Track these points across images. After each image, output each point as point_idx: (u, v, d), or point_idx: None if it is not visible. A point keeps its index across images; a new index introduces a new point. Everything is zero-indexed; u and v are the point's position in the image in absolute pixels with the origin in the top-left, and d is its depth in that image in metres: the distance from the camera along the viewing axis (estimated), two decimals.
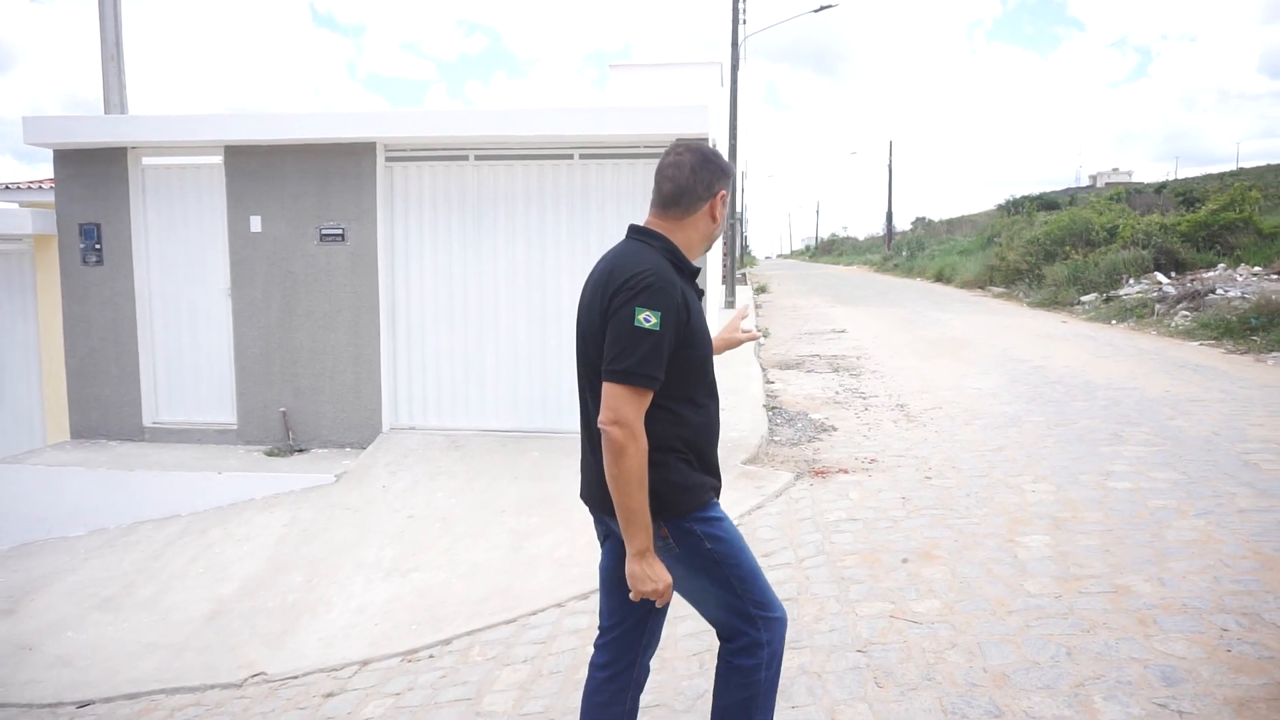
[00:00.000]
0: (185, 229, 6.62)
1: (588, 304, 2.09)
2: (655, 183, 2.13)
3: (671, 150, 2.13)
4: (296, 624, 4.36)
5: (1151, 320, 12.46)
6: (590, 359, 2.07)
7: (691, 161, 2.09)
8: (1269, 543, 3.82)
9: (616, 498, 1.95)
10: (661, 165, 2.12)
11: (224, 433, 6.69)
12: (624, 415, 1.92)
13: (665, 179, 2.10)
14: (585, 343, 2.10)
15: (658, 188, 2.12)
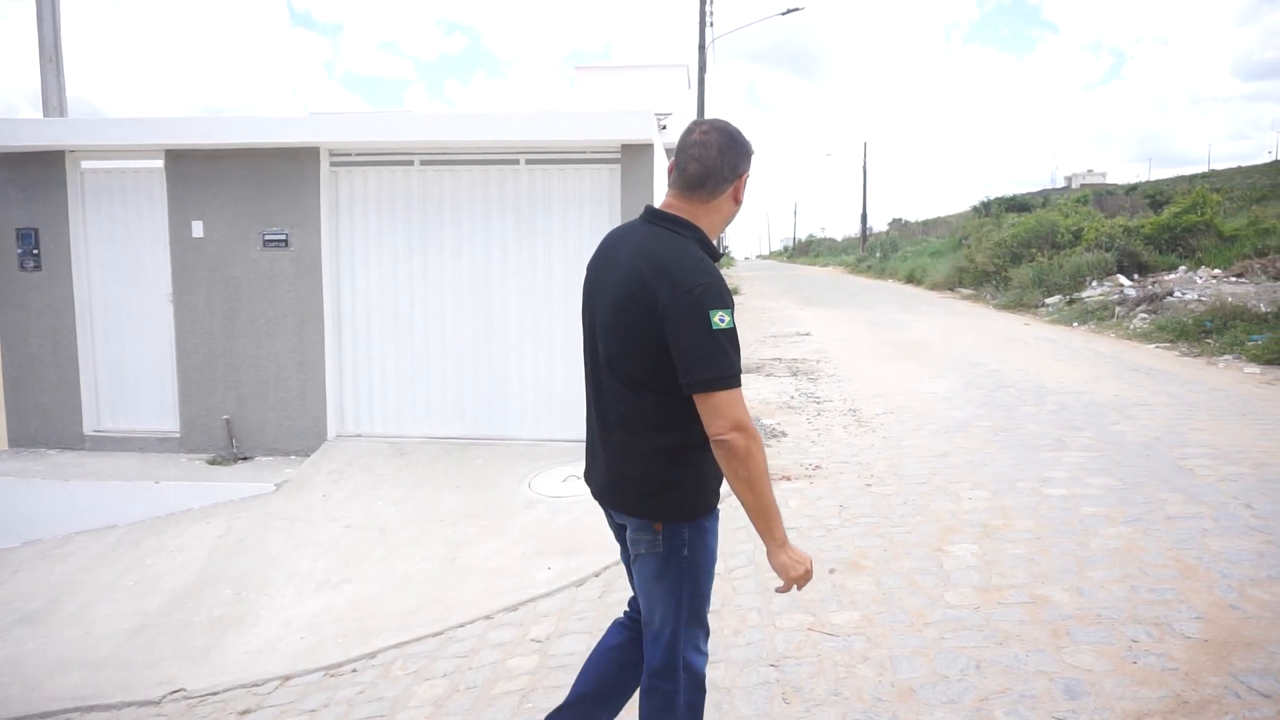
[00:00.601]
0: (126, 234, 6.51)
1: (622, 297, 1.96)
2: (678, 163, 2.03)
3: (695, 129, 2.04)
4: (222, 638, 4.29)
5: (1112, 323, 12.58)
6: (616, 352, 1.99)
7: (719, 141, 2.00)
8: (1190, 550, 3.84)
9: (751, 500, 1.92)
10: (685, 144, 2.02)
11: (167, 441, 6.58)
12: (738, 419, 1.87)
13: (691, 159, 2.00)
14: (611, 334, 2.00)
15: (681, 169, 2.01)
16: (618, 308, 1.98)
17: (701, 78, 15.81)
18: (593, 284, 2.11)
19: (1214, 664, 2.86)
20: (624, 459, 2.06)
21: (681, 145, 2.04)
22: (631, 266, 1.97)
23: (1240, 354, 9.27)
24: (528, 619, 4.02)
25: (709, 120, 2.08)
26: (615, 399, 2.03)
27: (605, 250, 2.12)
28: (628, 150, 6.03)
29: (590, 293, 2.13)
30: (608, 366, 2.04)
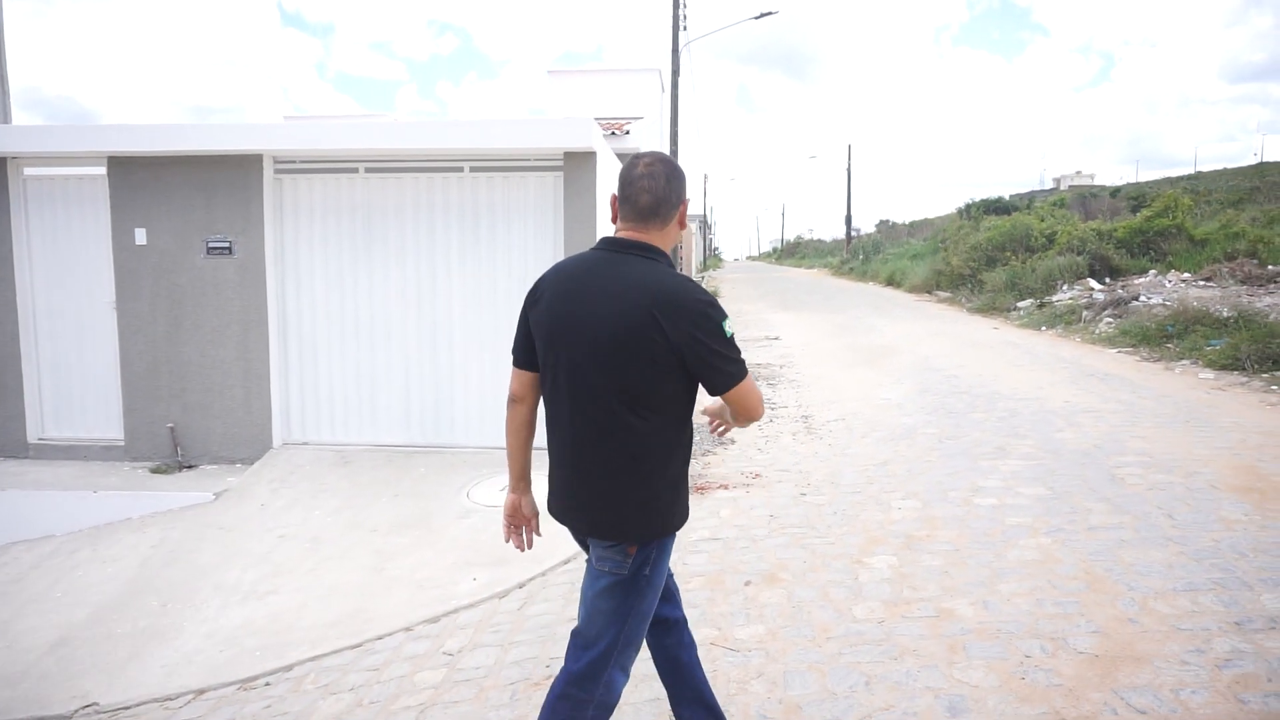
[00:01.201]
0: (69, 241, 6.47)
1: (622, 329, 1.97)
2: (627, 196, 2.10)
3: (638, 162, 2.13)
4: (143, 651, 4.26)
5: (1079, 327, 12.63)
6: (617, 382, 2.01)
7: (665, 171, 2.11)
8: (1102, 562, 3.86)
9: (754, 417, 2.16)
10: (633, 178, 2.10)
11: (111, 449, 6.54)
12: (756, 390, 2.12)
13: (642, 190, 2.08)
14: (610, 366, 2.00)
15: (633, 201, 2.09)
16: (617, 340, 1.99)
17: (675, 81, 15.81)
18: (562, 319, 2.07)
19: (1099, 680, 2.87)
20: (613, 485, 2.08)
21: (628, 179, 2.12)
22: (629, 300, 1.99)
23: (1198, 359, 9.32)
24: (445, 631, 4.01)
25: (650, 153, 2.17)
26: (609, 427, 2.04)
27: (569, 284, 2.09)
28: (570, 158, 6.03)
29: (557, 329, 2.08)
30: (600, 396, 2.04)
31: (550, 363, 2.12)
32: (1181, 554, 3.90)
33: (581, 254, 2.18)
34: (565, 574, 4.46)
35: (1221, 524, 4.26)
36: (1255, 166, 42.54)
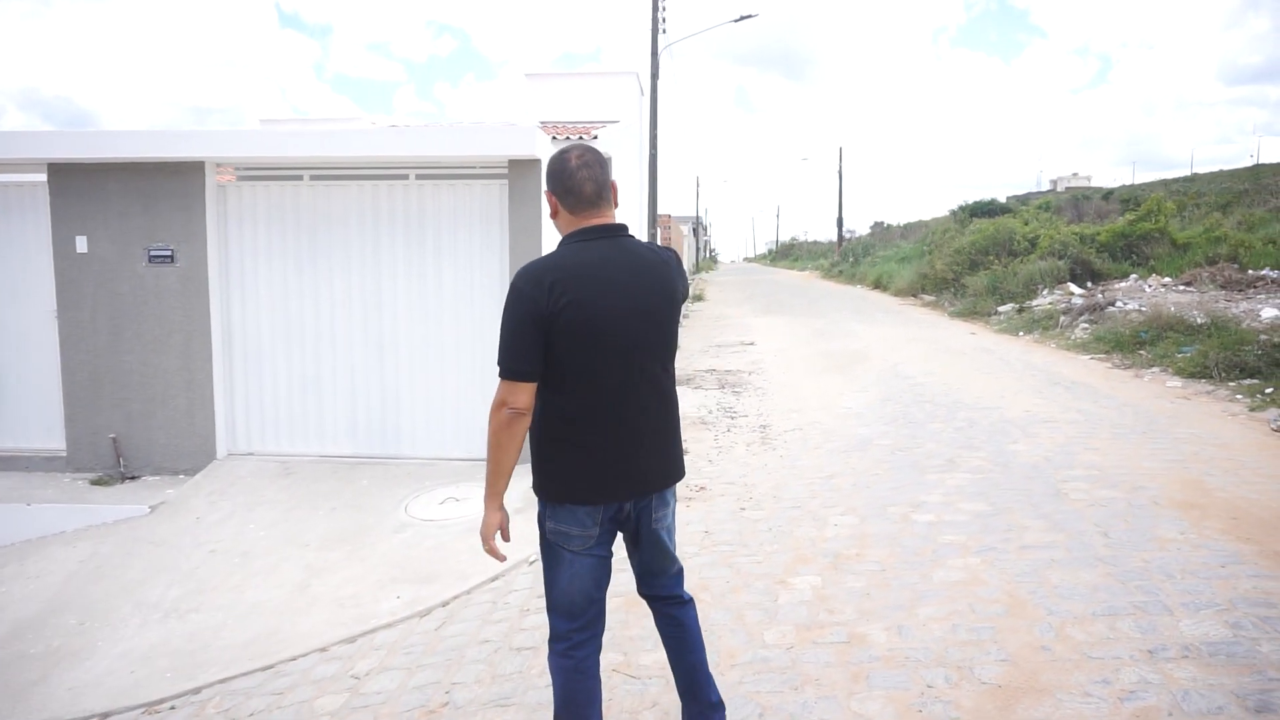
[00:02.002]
0: (8, 249, 6.38)
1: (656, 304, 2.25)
2: (570, 188, 2.25)
3: (569, 156, 2.27)
4: (53, 671, 4.17)
5: (1055, 332, 12.55)
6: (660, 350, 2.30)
7: (596, 159, 2.29)
8: (1027, 584, 3.77)
9: None
10: (570, 171, 2.24)
11: (53, 460, 6.45)
12: None
13: (585, 180, 2.24)
14: (653, 338, 2.27)
15: (577, 192, 2.24)
16: (662, 312, 2.28)
17: (654, 84, 15.71)
18: (608, 312, 2.19)
19: (997, 713, 2.78)
20: (668, 439, 2.39)
21: (565, 173, 2.26)
22: (657, 274, 2.27)
23: (1168, 366, 9.24)
24: (360, 652, 3.92)
25: (576, 145, 2.32)
26: (656, 390, 2.31)
27: (598, 279, 2.19)
28: (515, 165, 5.94)
29: (604, 323, 2.18)
30: (650, 365, 2.29)
31: (593, 359, 2.20)
32: (1109, 575, 3.81)
33: (576, 249, 2.24)
34: (489, 592, 4.37)
35: (1155, 543, 4.16)
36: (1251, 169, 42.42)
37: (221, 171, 6.86)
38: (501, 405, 2.18)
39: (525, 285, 2.16)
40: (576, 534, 2.32)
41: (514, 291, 2.17)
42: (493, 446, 2.23)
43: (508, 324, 2.17)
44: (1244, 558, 3.93)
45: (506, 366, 2.17)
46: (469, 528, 5.19)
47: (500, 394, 2.19)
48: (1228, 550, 4.03)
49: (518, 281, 2.18)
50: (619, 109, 14.98)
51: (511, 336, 2.16)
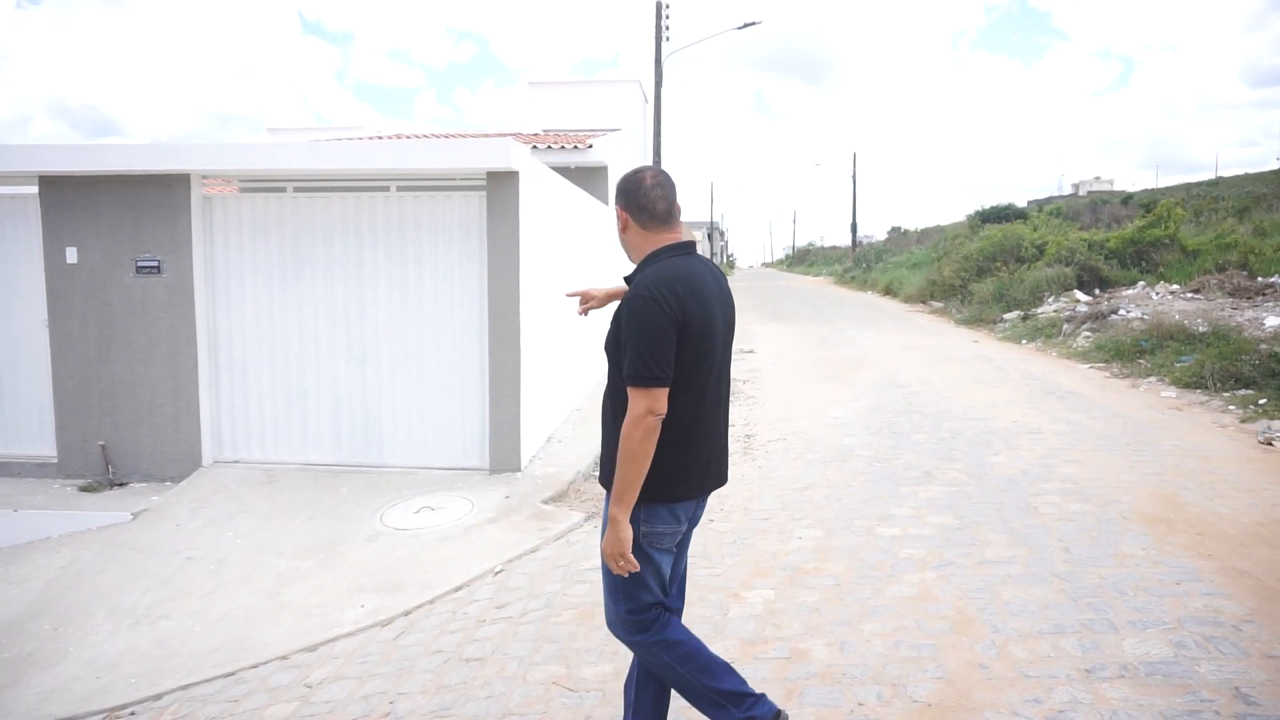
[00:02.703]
0: (2, 259, 6.52)
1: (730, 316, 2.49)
2: (644, 205, 2.39)
3: (646, 176, 2.42)
4: (22, 677, 4.25)
5: (1057, 341, 12.45)
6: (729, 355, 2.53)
7: (668, 180, 2.44)
8: (978, 600, 3.76)
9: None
10: (645, 189, 2.40)
11: (45, 466, 6.58)
12: None
13: (659, 199, 2.40)
14: (733, 337, 2.53)
15: (650, 210, 2.39)
16: (731, 324, 2.50)
17: (658, 92, 15.75)
18: (711, 322, 2.35)
19: None
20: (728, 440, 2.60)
21: (640, 191, 2.40)
22: (726, 288, 2.50)
23: (1165, 376, 9.14)
24: (318, 661, 3.97)
25: (647, 167, 2.50)
26: (729, 394, 2.54)
27: (700, 292, 2.33)
28: (493, 178, 6.00)
29: (709, 333, 2.35)
30: (729, 370, 2.52)
31: (704, 364, 2.35)
32: (1062, 592, 3.79)
33: (676, 263, 2.36)
34: (452, 602, 4.42)
35: (1115, 559, 4.14)
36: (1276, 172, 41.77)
37: (226, 184, 6.99)
38: (647, 413, 2.21)
39: (661, 295, 2.23)
40: (669, 532, 2.41)
41: (651, 302, 2.23)
42: (637, 457, 2.22)
43: (648, 332, 2.21)
44: (1201, 575, 3.90)
45: (650, 374, 2.20)
46: (441, 537, 5.25)
47: (643, 403, 2.20)
48: (1186, 567, 4.00)
49: (654, 292, 2.24)
50: (622, 116, 15.07)
51: (653, 344, 2.21)
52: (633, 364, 2.22)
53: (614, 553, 2.28)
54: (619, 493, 2.26)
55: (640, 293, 2.25)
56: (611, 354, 2.38)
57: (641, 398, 2.21)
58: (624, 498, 2.26)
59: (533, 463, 6.51)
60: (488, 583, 4.60)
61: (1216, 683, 2.95)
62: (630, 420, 2.21)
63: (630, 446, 2.22)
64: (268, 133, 16.58)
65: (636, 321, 2.23)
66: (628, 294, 2.31)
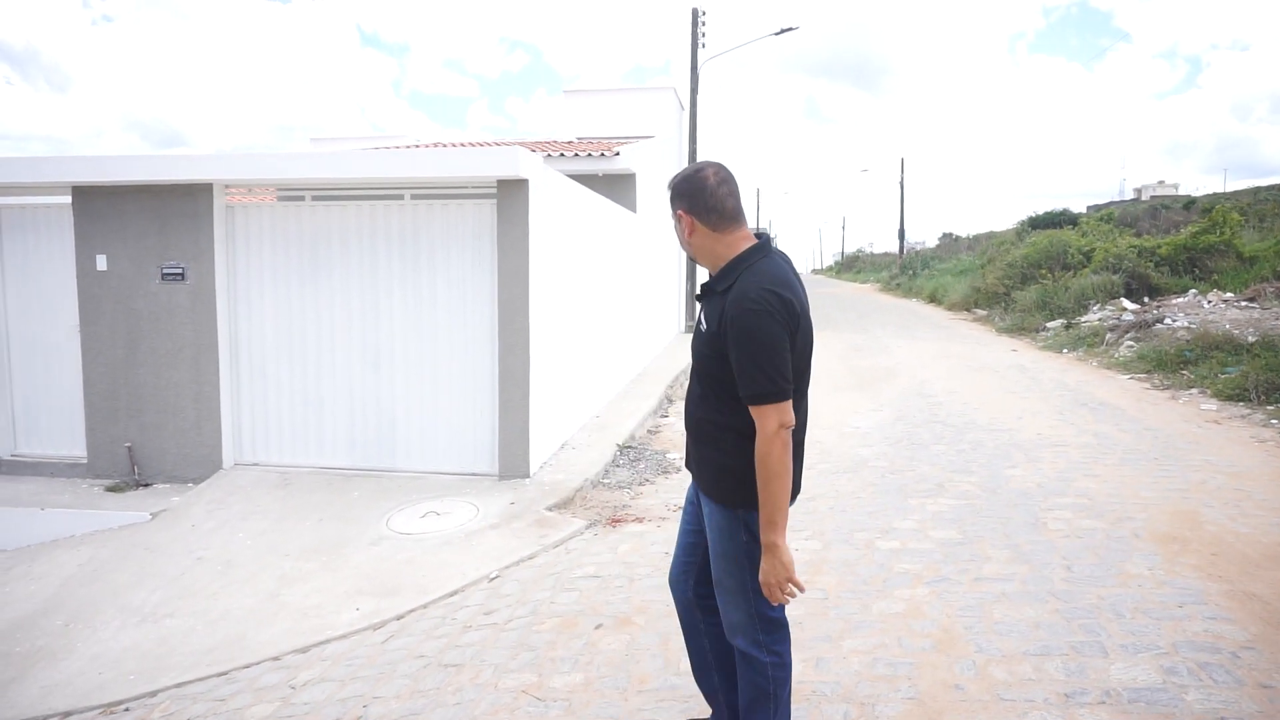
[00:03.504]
0: (39, 267, 6.78)
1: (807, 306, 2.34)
2: (712, 205, 2.29)
3: (705, 173, 2.31)
4: (30, 671, 4.39)
5: (1099, 350, 12.08)
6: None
7: (731, 175, 2.34)
8: (966, 619, 3.65)
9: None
10: (711, 188, 2.29)
11: (75, 466, 6.80)
12: None
13: (727, 195, 2.30)
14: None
15: (719, 209, 2.29)
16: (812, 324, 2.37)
17: (694, 99, 15.72)
18: (808, 319, 2.31)
19: None
20: None
21: (705, 190, 2.30)
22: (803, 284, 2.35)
23: (1207, 388, 8.80)
24: (308, 662, 4.03)
25: (707, 164, 2.36)
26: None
27: (796, 287, 2.28)
28: (503, 186, 6.04)
29: (809, 333, 2.31)
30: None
31: (806, 366, 2.32)
32: (1056, 612, 3.66)
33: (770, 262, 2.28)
34: (444, 607, 4.44)
35: (1118, 579, 3.99)
36: None
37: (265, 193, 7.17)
38: (780, 427, 2.13)
39: (776, 303, 2.15)
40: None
41: (766, 312, 2.14)
42: (781, 474, 2.14)
43: (770, 343, 2.13)
44: (1207, 597, 3.73)
45: (779, 387, 2.13)
46: (443, 542, 5.29)
47: (774, 418, 2.13)
48: (1193, 589, 3.83)
49: (768, 301, 2.15)
50: (658, 123, 15.08)
51: (774, 355, 2.13)
52: (756, 381, 2.13)
53: (780, 580, 2.20)
54: (771, 516, 2.16)
55: (750, 306, 2.14)
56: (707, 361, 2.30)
57: (771, 413, 2.13)
58: (777, 519, 2.17)
59: (543, 469, 6.53)
60: (482, 588, 4.62)
61: (1202, 712, 2.82)
62: (765, 439, 2.13)
63: (773, 465, 2.13)
64: (311, 143, 16.99)
65: (752, 337, 2.14)
66: (736, 308, 2.17)
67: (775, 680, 2.42)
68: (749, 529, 2.30)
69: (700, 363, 2.34)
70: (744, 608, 2.39)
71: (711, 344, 2.26)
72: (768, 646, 2.41)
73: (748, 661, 2.43)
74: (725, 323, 2.21)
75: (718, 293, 2.27)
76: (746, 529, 2.31)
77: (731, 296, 2.21)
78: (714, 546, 2.43)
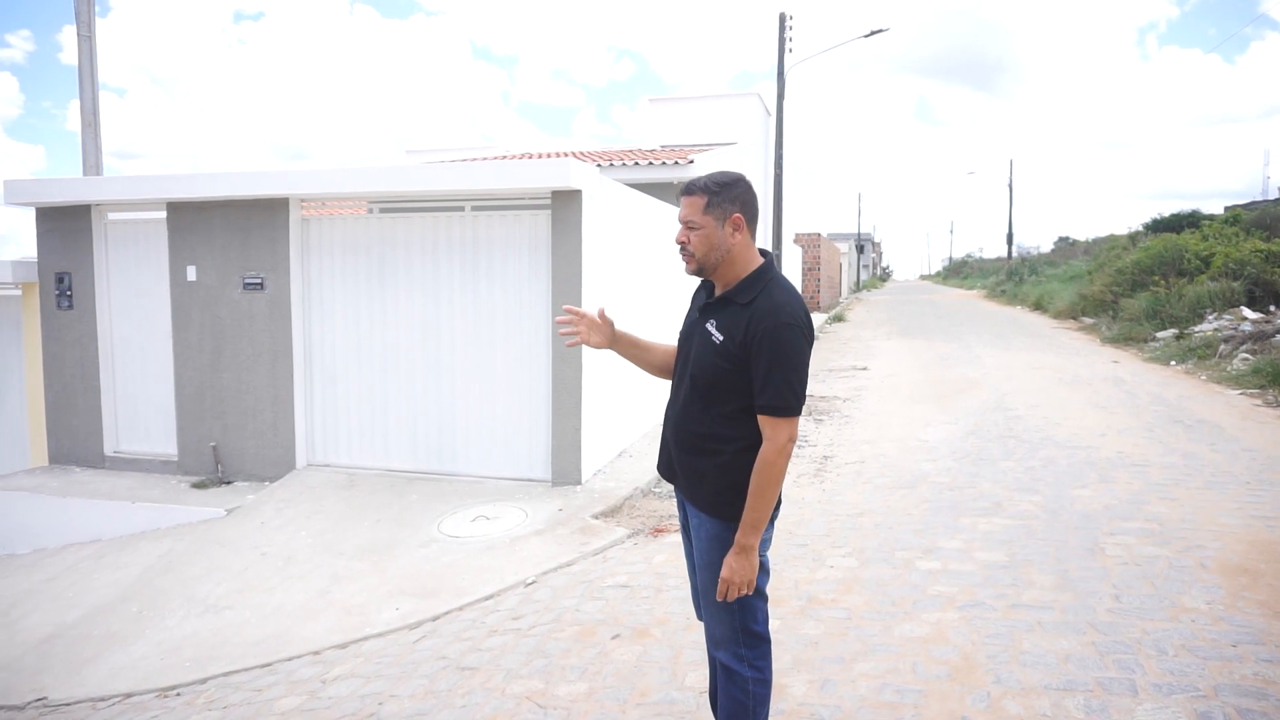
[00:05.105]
0: (138, 277, 7.31)
1: None
2: (758, 212, 2.42)
3: (739, 183, 2.37)
4: (103, 653, 4.74)
5: (1211, 363, 11.26)
6: None
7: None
8: (991, 648, 3.48)
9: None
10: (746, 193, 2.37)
11: (167, 464, 7.30)
12: None
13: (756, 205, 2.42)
14: None
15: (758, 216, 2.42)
16: None
17: (780, 104, 15.52)
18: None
19: None
20: None
21: (754, 199, 2.41)
22: None
23: None
24: (342, 658, 4.19)
25: (738, 173, 2.45)
26: None
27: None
28: (557, 196, 6.15)
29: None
30: None
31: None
32: (1091, 645, 3.45)
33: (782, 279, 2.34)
34: (477, 610, 4.54)
35: (1170, 612, 3.72)
36: None
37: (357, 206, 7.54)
38: (789, 442, 2.19)
39: (802, 321, 2.22)
40: (770, 536, 2.44)
41: (798, 330, 2.21)
42: (775, 485, 2.22)
43: (801, 360, 2.20)
44: (1266, 637, 3.44)
45: (799, 404, 2.20)
46: (487, 546, 5.40)
47: (786, 431, 2.19)
48: (1253, 627, 3.54)
49: (800, 319, 2.22)
50: (743, 130, 14.99)
51: (802, 371, 2.21)
52: (781, 394, 2.17)
53: (744, 580, 2.25)
54: (755, 522, 2.22)
55: (788, 321, 2.19)
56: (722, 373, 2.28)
57: (785, 427, 2.18)
58: (759, 526, 2.23)
59: (596, 476, 6.59)
60: (517, 593, 4.70)
61: None
62: (775, 449, 2.18)
63: (773, 475, 2.19)
64: (406, 154, 17.68)
65: (787, 351, 2.17)
66: (772, 320, 2.19)
67: (755, 696, 2.40)
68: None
69: (708, 375, 2.30)
70: (728, 621, 2.39)
71: (728, 356, 2.25)
72: (750, 661, 2.40)
73: (729, 675, 2.42)
74: (751, 335, 2.20)
75: (739, 304, 2.27)
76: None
77: (762, 309, 2.22)
78: (701, 557, 2.43)
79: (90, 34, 8.46)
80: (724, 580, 2.26)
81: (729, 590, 2.26)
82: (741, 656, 2.39)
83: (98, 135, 8.30)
